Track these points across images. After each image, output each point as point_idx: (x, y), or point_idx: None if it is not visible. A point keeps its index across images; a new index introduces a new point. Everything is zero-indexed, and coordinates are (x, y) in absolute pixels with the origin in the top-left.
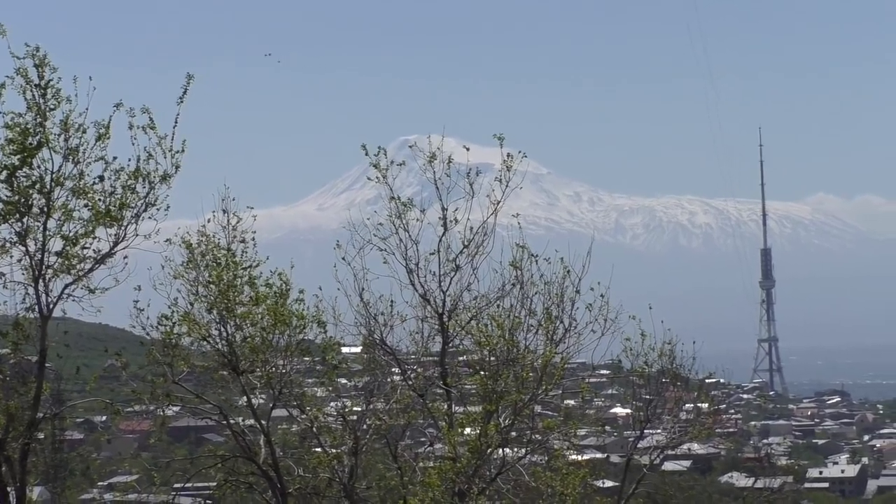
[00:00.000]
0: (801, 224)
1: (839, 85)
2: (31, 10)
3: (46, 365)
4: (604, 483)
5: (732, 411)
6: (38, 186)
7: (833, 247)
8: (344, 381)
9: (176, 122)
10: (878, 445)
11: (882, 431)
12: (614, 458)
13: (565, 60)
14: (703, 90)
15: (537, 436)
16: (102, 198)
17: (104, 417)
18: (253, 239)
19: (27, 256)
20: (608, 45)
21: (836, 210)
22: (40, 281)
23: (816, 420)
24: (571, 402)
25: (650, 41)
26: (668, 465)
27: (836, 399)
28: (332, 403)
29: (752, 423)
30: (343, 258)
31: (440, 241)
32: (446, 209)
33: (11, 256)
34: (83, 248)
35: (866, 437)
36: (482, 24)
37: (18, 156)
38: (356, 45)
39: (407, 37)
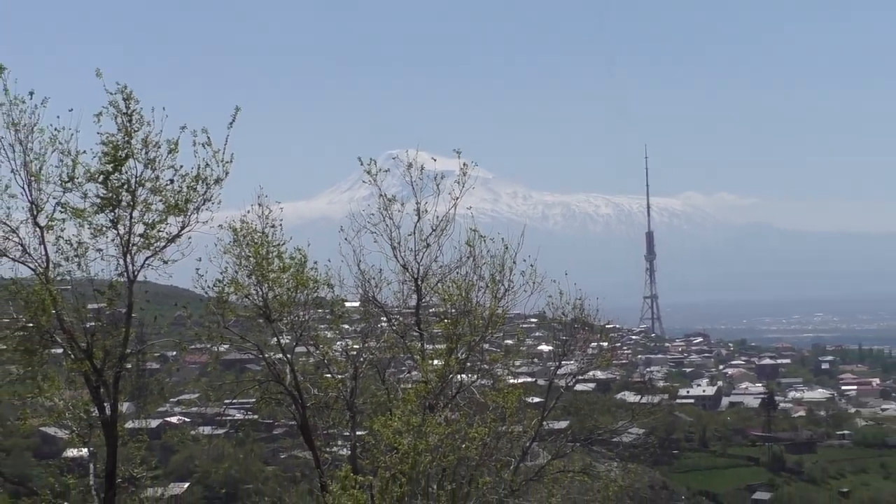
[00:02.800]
0: (675, 214)
1: (705, 102)
2: (113, 53)
3: (132, 315)
4: (532, 399)
5: (625, 348)
6: (126, 187)
7: (697, 231)
8: (346, 326)
9: (226, 142)
10: (729, 373)
11: (732, 363)
12: (540, 382)
13: (504, 86)
14: (611, 112)
15: (485, 366)
16: (173, 195)
17: (174, 352)
18: (280, 225)
19: (118, 237)
20: (542, 75)
21: (700, 203)
22: (127, 255)
23: (685, 354)
24: (510, 341)
25: (572, 71)
26: (579, 387)
27: (700, 339)
28: (338, 342)
29: (639, 356)
30: (346, 239)
31: (415, 226)
32: (419, 203)
33: (107, 237)
34: (158, 231)
35: (721, 367)
36: (452, 63)
37: (112, 164)
38: (357, 81)
39: (394, 71)
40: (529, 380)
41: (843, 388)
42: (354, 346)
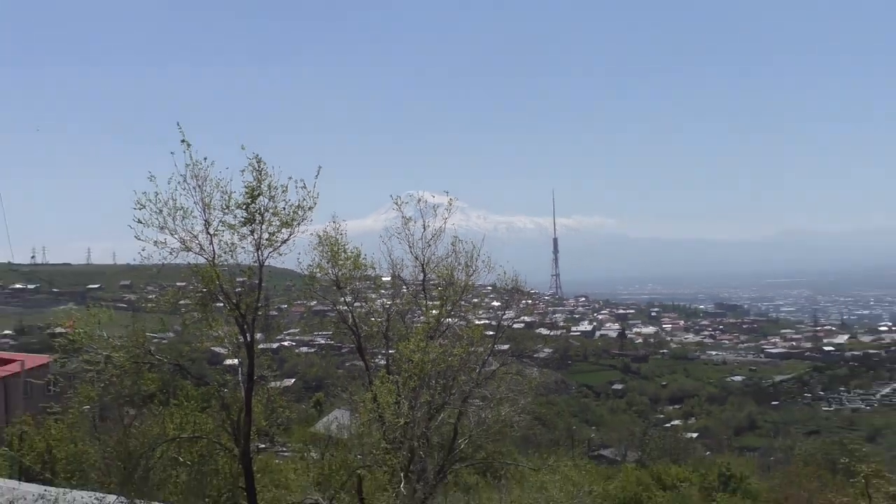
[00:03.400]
0: (570, 228)
1: (588, 148)
2: (247, 128)
3: (262, 284)
4: (488, 332)
5: (540, 304)
6: (258, 212)
7: (582, 238)
8: (383, 291)
9: (314, 185)
10: (599, 317)
11: (602, 312)
12: (492, 323)
13: (478, 145)
14: (533, 160)
15: (462, 313)
16: (285, 217)
17: (285, 305)
18: (345, 233)
19: (254, 240)
20: (494, 136)
21: (584, 222)
22: (259, 250)
23: (575, 307)
24: (475, 300)
25: (511, 137)
26: (515, 326)
27: (583, 299)
28: (378, 300)
29: (549, 308)
30: (383, 242)
31: (422, 234)
32: (424, 221)
33: (247, 240)
34: (277, 237)
35: (595, 314)
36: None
37: (250, 199)
38: (388, 143)
39: (415, 134)
40: (486, 321)
41: (664, 326)
42: (387, 302)
